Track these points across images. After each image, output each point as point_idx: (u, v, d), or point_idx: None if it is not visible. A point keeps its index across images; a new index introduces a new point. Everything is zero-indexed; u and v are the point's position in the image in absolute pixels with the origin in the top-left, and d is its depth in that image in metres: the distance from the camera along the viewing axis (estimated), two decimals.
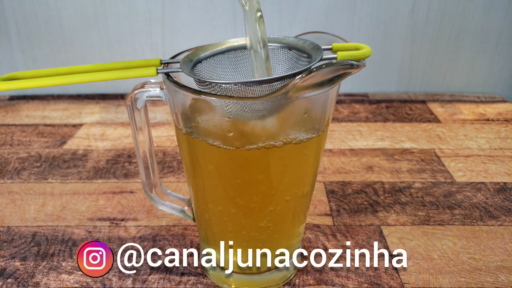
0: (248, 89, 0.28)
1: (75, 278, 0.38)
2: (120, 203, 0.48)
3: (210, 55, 0.33)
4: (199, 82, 0.29)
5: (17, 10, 0.70)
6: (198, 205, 0.36)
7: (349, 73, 0.27)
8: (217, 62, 0.33)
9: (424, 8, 0.70)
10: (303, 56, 0.32)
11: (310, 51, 0.31)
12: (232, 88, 0.28)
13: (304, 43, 0.32)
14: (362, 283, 0.38)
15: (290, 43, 0.33)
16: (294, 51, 0.33)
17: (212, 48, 0.33)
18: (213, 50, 0.33)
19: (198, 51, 0.33)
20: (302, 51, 0.32)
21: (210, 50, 0.33)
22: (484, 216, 0.46)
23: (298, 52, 0.32)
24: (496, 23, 0.71)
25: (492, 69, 0.76)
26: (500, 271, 0.39)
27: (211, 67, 0.33)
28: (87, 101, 0.74)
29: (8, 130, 0.64)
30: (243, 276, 0.37)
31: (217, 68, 0.33)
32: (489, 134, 0.63)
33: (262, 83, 0.28)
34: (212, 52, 0.33)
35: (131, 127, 0.36)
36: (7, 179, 0.53)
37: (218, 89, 0.28)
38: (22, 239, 0.43)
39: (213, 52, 0.33)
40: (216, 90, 0.28)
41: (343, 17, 0.71)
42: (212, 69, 0.33)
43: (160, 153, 0.58)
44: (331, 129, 0.64)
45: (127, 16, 0.70)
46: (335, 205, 0.48)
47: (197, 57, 0.32)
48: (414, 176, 0.53)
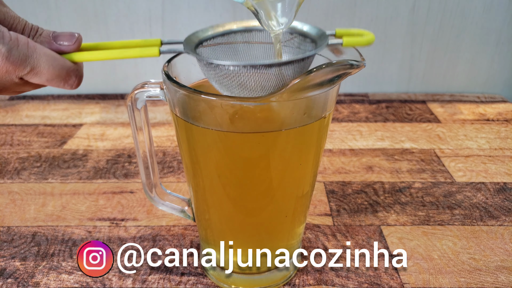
0: (255, 72, 0.27)
1: (75, 278, 0.38)
2: (120, 203, 0.48)
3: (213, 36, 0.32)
4: (204, 64, 0.28)
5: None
6: (198, 205, 0.36)
7: (349, 73, 0.27)
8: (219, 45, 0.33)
9: (424, 8, 0.70)
10: (306, 41, 0.32)
11: (314, 36, 0.31)
12: (239, 71, 0.27)
13: (306, 28, 0.31)
14: (362, 283, 0.38)
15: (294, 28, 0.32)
16: (298, 35, 0.32)
17: (215, 30, 0.32)
18: (216, 31, 0.32)
19: (199, 32, 0.32)
20: (305, 36, 0.32)
21: (213, 31, 0.32)
22: (484, 216, 0.46)
23: (302, 37, 0.32)
24: (496, 23, 0.71)
25: (492, 69, 0.76)
26: (500, 271, 0.39)
27: (212, 49, 0.32)
28: (87, 101, 0.74)
29: (8, 130, 0.64)
30: (243, 276, 0.37)
31: (218, 50, 0.33)
32: (489, 134, 0.63)
33: (271, 66, 0.27)
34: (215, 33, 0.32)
35: (131, 127, 0.36)
36: (7, 179, 0.53)
37: (223, 72, 0.28)
38: (22, 239, 0.43)
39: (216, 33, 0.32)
40: (221, 72, 0.28)
41: (343, 17, 0.71)
42: (213, 52, 0.32)
43: (160, 153, 0.58)
44: (331, 129, 0.64)
45: (127, 16, 0.70)
46: (335, 205, 0.48)
47: (199, 38, 0.31)
48: (414, 176, 0.53)
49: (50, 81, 0.28)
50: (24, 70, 0.27)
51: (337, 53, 0.33)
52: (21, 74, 0.27)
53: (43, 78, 0.27)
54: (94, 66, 0.75)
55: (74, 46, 0.29)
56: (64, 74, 0.28)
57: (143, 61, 0.74)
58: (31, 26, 0.29)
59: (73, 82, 0.29)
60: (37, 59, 0.27)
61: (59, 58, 0.28)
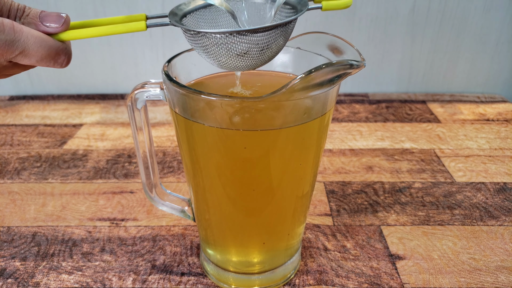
0: (240, 38, 0.28)
1: (75, 278, 0.38)
2: (120, 203, 0.48)
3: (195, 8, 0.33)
4: (190, 33, 0.30)
5: None
6: (198, 205, 0.36)
7: (349, 73, 0.27)
8: (201, 16, 0.34)
9: (424, 8, 0.70)
10: (286, 8, 0.33)
11: (294, 2, 0.32)
12: (224, 39, 0.28)
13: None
14: (362, 283, 0.38)
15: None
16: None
17: (197, 2, 0.33)
18: (197, 4, 0.33)
19: (182, 5, 0.33)
20: (285, 3, 0.33)
21: (195, 4, 0.33)
22: (484, 216, 0.46)
23: (282, 4, 0.33)
24: (496, 23, 0.71)
25: (492, 69, 0.76)
26: (500, 271, 0.39)
27: (196, 21, 0.33)
28: (87, 101, 0.74)
29: (8, 130, 0.64)
30: (243, 276, 0.37)
31: (201, 22, 0.33)
32: (489, 134, 0.63)
33: (256, 32, 0.28)
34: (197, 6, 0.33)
35: (131, 127, 0.36)
36: (7, 179, 0.53)
37: (209, 40, 0.29)
38: (22, 239, 0.43)
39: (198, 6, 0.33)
40: (207, 41, 0.29)
41: (343, 17, 0.71)
42: (196, 23, 0.33)
43: (160, 153, 0.58)
44: (331, 129, 0.64)
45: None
46: (335, 205, 0.48)
47: (183, 11, 0.32)
48: (414, 176, 0.53)
49: (40, 61, 0.28)
50: (12, 54, 0.27)
51: (337, 53, 0.33)
52: (9, 57, 0.27)
53: (32, 59, 0.28)
54: (94, 66, 0.75)
55: (62, 28, 0.29)
56: (54, 53, 0.28)
57: (143, 61, 0.74)
58: (17, 6, 0.29)
59: (63, 61, 0.29)
60: (24, 42, 0.27)
61: (47, 38, 0.28)
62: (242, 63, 0.30)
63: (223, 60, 0.30)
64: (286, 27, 0.30)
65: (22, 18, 0.28)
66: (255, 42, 0.29)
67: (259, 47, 0.29)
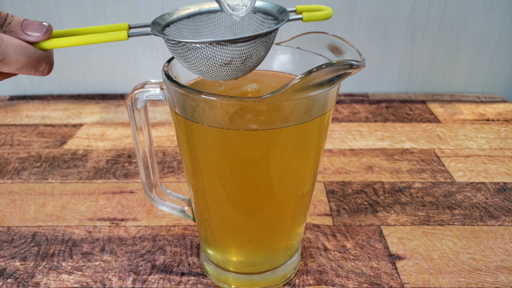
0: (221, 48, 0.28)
1: (75, 278, 0.38)
2: (120, 203, 0.48)
3: (178, 18, 0.33)
4: (171, 43, 0.30)
5: (17, 10, 0.70)
6: (198, 205, 0.36)
7: (349, 73, 0.27)
8: (184, 26, 0.34)
9: (424, 8, 0.70)
10: (268, 19, 0.33)
11: (275, 13, 0.32)
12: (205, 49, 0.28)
13: (267, 6, 0.33)
14: (362, 283, 0.38)
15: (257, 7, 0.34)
16: (260, 14, 0.33)
17: (180, 12, 0.33)
18: (181, 14, 0.33)
19: (165, 15, 0.33)
20: (267, 14, 0.33)
21: (178, 14, 0.33)
22: (484, 216, 0.46)
23: (263, 15, 0.33)
24: (496, 23, 0.71)
25: (492, 69, 0.76)
26: (500, 271, 0.39)
27: (179, 31, 0.33)
28: (87, 101, 0.74)
29: (8, 130, 0.64)
30: (243, 276, 0.37)
31: (184, 32, 0.34)
32: (489, 134, 0.63)
33: (236, 42, 0.28)
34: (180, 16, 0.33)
35: (131, 127, 0.36)
36: (7, 179, 0.53)
37: (190, 50, 0.29)
38: (22, 239, 0.43)
39: (181, 16, 0.33)
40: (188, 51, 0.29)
41: (343, 17, 0.71)
42: (180, 33, 0.33)
43: (160, 153, 0.58)
44: (331, 129, 0.64)
45: (127, 16, 0.70)
46: (335, 205, 0.48)
47: (166, 21, 0.32)
48: (414, 176, 0.53)
49: (20, 69, 0.28)
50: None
51: (337, 53, 0.33)
52: None
53: (12, 67, 0.27)
54: (94, 66, 0.75)
55: (44, 37, 0.28)
56: (34, 62, 0.28)
57: (143, 61, 0.74)
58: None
59: (44, 69, 0.29)
60: (4, 50, 0.27)
61: (28, 46, 0.28)
62: (223, 72, 0.30)
63: (204, 69, 0.30)
64: (267, 38, 0.30)
65: (4, 27, 0.28)
66: (238, 52, 0.29)
67: (241, 57, 0.29)
